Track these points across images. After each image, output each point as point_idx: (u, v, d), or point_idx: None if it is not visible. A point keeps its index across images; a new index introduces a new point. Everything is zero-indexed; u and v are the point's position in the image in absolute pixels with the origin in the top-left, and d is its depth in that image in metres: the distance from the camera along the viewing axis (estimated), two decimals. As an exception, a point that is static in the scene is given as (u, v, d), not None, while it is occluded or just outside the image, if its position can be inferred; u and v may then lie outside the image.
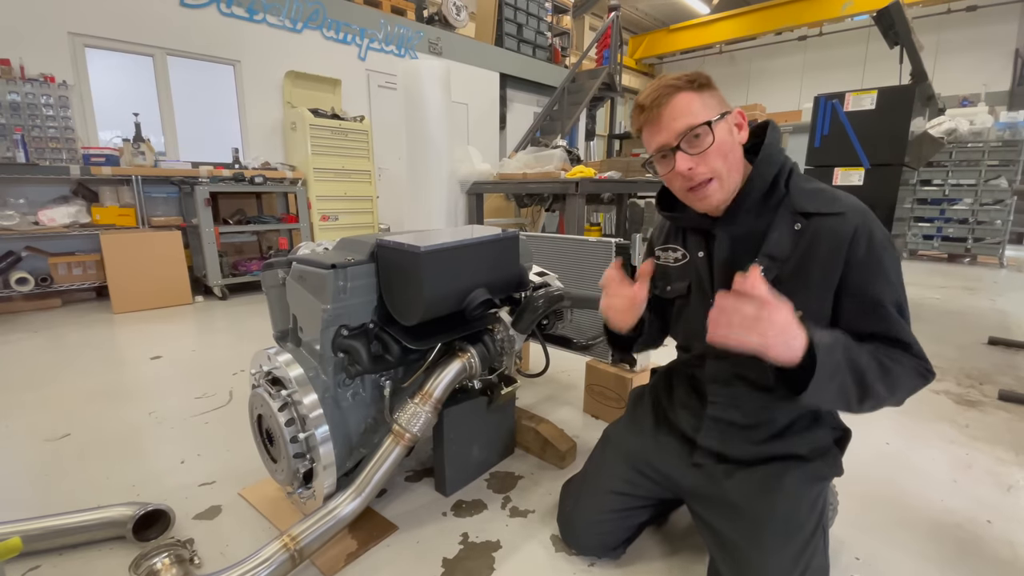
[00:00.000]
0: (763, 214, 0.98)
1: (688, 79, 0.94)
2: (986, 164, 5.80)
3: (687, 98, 0.93)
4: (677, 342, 1.21)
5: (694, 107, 0.93)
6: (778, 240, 0.95)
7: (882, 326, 0.90)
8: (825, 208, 0.93)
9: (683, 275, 1.12)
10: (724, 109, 0.95)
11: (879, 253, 0.90)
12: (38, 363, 2.55)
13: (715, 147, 0.93)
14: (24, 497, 1.45)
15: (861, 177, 2.81)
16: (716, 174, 0.94)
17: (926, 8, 8.94)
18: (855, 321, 0.91)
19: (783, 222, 0.96)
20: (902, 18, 3.01)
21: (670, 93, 0.93)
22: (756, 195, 0.97)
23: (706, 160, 0.93)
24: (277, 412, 1.15)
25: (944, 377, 2.37)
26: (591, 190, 3.64)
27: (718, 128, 0.93)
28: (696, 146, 0.93)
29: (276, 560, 1.01)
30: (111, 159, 3.71)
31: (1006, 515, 1.37)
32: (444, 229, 1.53)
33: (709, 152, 0.93)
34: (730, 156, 0.95)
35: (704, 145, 0.93)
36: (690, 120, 0.92)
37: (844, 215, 0.91)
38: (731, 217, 1.00)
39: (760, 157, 0.97)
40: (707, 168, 0.94)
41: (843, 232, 0.90)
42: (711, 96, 0.95)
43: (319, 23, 5.22)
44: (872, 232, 0.90)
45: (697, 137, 0.92)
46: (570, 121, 6.11)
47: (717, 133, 0.92)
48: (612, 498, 1.15)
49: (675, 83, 0.94)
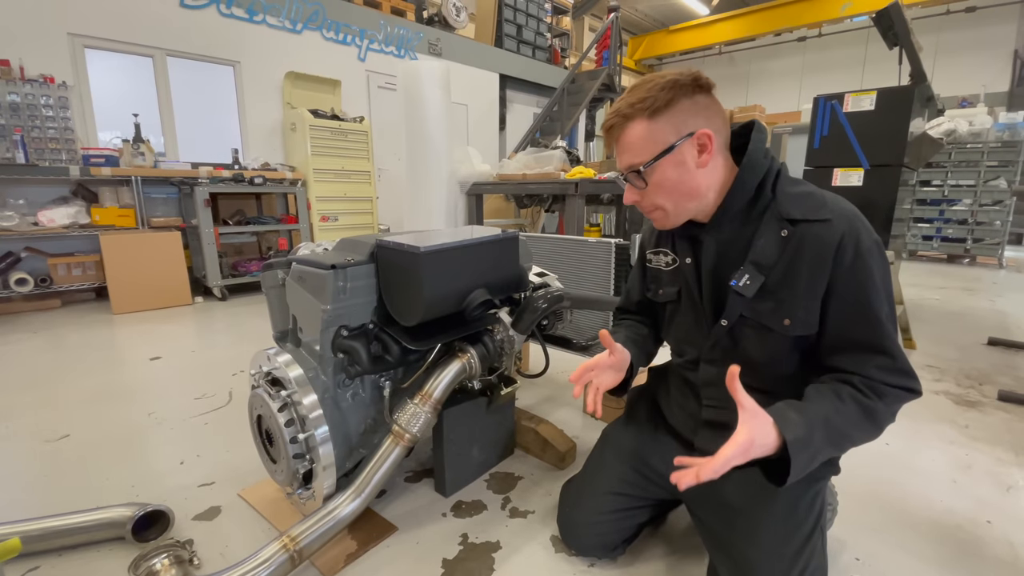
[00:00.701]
0: (749, 220, 0.97)
1: (644, 104, 0.90)
2: (985, 165, 5.81)
3: (636, 130, 0.92)
4: (670, 345, 1.22)
5: (638, 143, 0.92)
6: (764, 247, 0.94)
7: (867, 334, 0.88)
8: (811, 215, 0.91)
9: (674, 280, 1.12)
10: (682, 134, 0.90)
11: (866, 260, 0.88)
12: (38, 364, 2.55)
13: (653, 186, 0.94)
14: (23, 498, 1.45)
15: (860, 178, 2.80)
16: (658, 207, 0.97)
17: (925, 9, 8.96)
18: (841, 328, 0.90)
19: (769, 229, 0.94)
20: (901, 19, 3.01)
21: (621, 124, 0.93)
22: (740, 203, 0.96)
23: (647, 196, 0.97)
24: (277, 413, 1.15)
25: (944, 377, 2.37)
26: (591, 191, 3.64)
27: (660, 167, 0.92)
28: (639, 182, 0.95)
29: (276, 561, 1.01)
30: (111, 160, 3.71)
31: (1006, 515, 1.37)
32: (444, 230, 1.53)
33: (648, 190, 0.95)
34: (678, 189, 0.94)
35: (640, 185, 0.95)
36: (631, 159, 0.94)
37: (830, 222, 0.89)
38: (716, 224, 0.99)
39: (743, 164, 0.95)
40: (649, 203, 0.97)
41: (829, 239, 0.88)
42: (667, 120, 0.90)
43: (319, 24, 5.23)
44: (859, 239, 0.88)
45: (637, 175, 0.94)
46: (570, 122, 6.11)
47: (656, 174, 0.93)
48: (611, 498, 1.15)
49: (628, 111, 0.91)
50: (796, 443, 0.80)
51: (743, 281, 0.94)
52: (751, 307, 0.95)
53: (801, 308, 0.91)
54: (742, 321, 0.98)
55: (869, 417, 0.87)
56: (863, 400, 0.87)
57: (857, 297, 0.88)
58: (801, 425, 0.82)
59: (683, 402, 1.15)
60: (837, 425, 0.85)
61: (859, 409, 0.86)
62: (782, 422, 0.81)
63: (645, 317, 1.28)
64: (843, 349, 0.91)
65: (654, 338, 1.26)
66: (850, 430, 0.86)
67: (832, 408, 0.86)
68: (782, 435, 0.80)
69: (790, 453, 0.79)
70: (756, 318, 0.95)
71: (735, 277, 0.95)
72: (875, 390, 0.87)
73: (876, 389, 0.87)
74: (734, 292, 0.95)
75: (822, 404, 0.86)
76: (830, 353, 0.92)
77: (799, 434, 0.81)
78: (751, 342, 0.98)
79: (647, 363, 1.26)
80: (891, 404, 0.88)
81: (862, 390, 0.88)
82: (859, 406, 0.87)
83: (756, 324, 0.96)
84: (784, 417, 0.82)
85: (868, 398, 0.87)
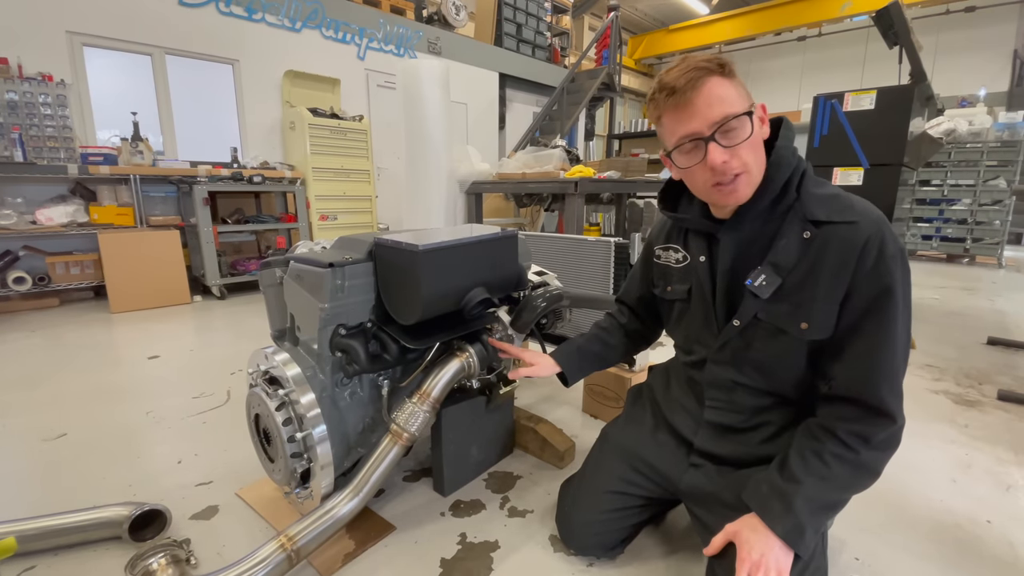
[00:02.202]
0: (771, 220, 0.94)
1: (719, 63, 0.86)
2: (985, 164, 5.81)
3: (721, 84, 0.86)
4: (676, 342, 1.21)
5: (730, 94, 0.86)
6: (785, 248, 0.91)
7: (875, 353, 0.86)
8: (837, 216, 0.88)
9: (685, 277, 1.10)
10: (750, 99, 0.89)
11: (888, 265, 0.84)
12: (35, 362, 2.54)
13: (751, 140, 0.87)
14: (20, 497, 1.44)
15: (860, 177, 2.80)
16: (747, 169, 0.88)
17: (925, 9, 8.95)
18: (850, 336, 0.88)
19: (792, 230, 0.91)
20: (901, 18, 3.01)
21: (703, 76, 0.85)
22: (766, 200, 0.93)
23: (739, 154, 0.87)
24: (274, 411, 1.15)
25: (943, 377, 2.37)
26: (590, 190, 3.64)
27: (753, 120, 0.87)
28: (732, 138, 0.86)
29: (273, 560, 1.01)
30: (109, 158, 3.70)
31: (1006, 515, 1.37)
32: (442, 228, 1.52)
33: (743, 145, 0.87)
34: (759, 149, 0.90)
35: (740, 137, 0.86)
36: (727, 109, 0.85)
37: (857, 224, 0.86)
38: (737, 221, 0.96)
39: (772, 160, 0.92)
40: (740, 162, 0.87)
41: (854, 241, 0.85)
42: (741, 85, 0.88)
43: (318, 22, 5.22)
44: (884, 243, 0.85)
45: (732, 129, 0.86)
46: (569, 121, 6.11)
47: (752, 125, 0.87)
48: (610, 498, 1.15)
49: (706, 66, 0.85)
50: (790, 535, 0.84)
51: (759, 281, 0.92)
52: (766, 309, 0.94)
53: (819, 312, 0.89)
54: (755, 322, 0.96)
55: (859, 470, 0.87)
56: (848, 456, 0.87)
57: (874, 305, 0.86)
58: (809, 532, 0.85)
59: (685, 401, 1.15)
60: (826, 498, 0.87)
61: (846, 468, 0.87)
62: (768, 518, 0.86)
63: (638, 316, 1.30)
64: (846, 359, 0.89)
65: (627, 347, 1.31)
66: (842, 493, 0.88)
67: (818, 482, 0.86)
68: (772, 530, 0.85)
69: (790, 545, 0.84)
70: (771, 320, 0.94)
71: (751, 277, 0.93)
72: (863, 436, 0.86)
73: (863, 434, 0.86)
74: (749, 292, 0.93)
75: (807, 483, 0.86)
76: (833, 359, 0.91)
77: (788, 527, 0.84)
78: (763, 344, 0.97)
79: (588, 373, 1.33)
80: (880, 448, 0.87)
81: (847, 444, 0.87)
82: (846, 465, 0.87)
83: (770, 326, 0.94)
84: (769, 511, 0.87)
85: (854, 451, 0.86)
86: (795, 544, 0.83)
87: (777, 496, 0.87)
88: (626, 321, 1.31)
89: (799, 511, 0.84)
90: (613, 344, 1.30)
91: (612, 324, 1.33)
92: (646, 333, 1.32)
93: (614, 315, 1.34)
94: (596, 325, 1.34)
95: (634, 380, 1.79)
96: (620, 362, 1.36)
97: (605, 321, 1.34)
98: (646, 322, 1.30)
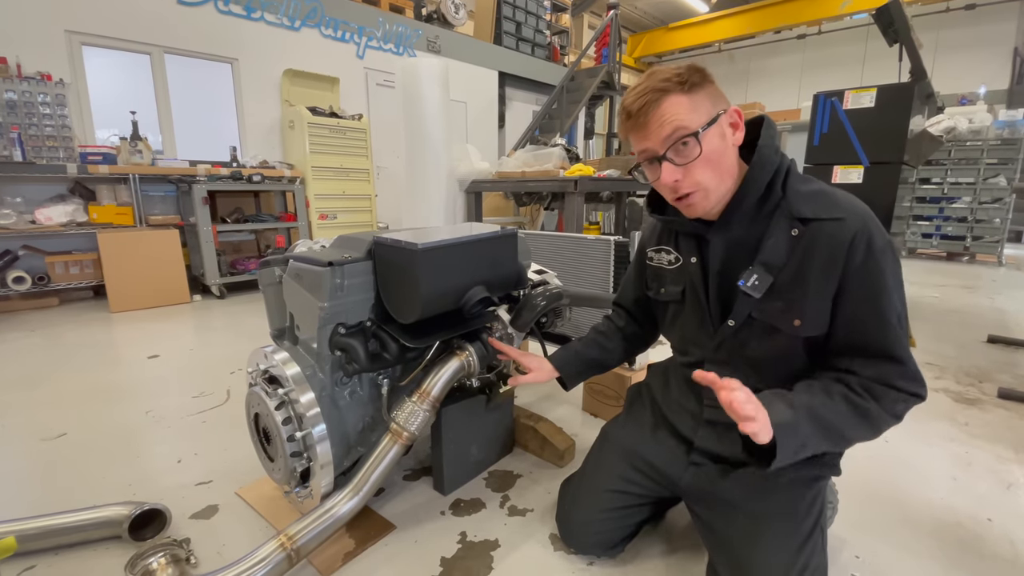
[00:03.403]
0: (759, 219, 0.95)
1: (679, 78, 0.87)
2: (985, 162, 5.80)
3: (675, 102, 0.87)
4: (672, 344, 1.21)
5: (682, 113, 0.87)
6: (774, 247, 0.92)
7: (875, 337, 0.87)
8: (824, 213, 0.89)
9: (678, 279, 1.10)
10: (717, 109, 0.89)
11: (878, 259, 0.86)
12: (35, 362, 2.54)
13: (702, 158, 0.88)
14: (20, 496, 1.44)
15: (860, 175, 2.80)
16: (699, 187, 0.91)
17: (925, 6, 8.94)
18: (849, 329, 0.89)
19: (779, 228, 0.92)
20: (901, 16, 3.00)
21: (657, 98, 0.87)
22: (750, 201, 0.94)
23: (691, 172, 0.89)
24: (274, 411, 1.14)
25: (943, 375, 2.37)
26: (590, 188, 3.63)
27: (707, 137, 0.88)
28: (683, 156, 0.89)
29: (273, 559, 1.01)
30: (108, 157, 3.70)
31: (1006, 513, 1.37)
32: (442, 227, 1.52)
33: (696, 164, 0.89)
34: (721, 163, 0.90)
35: (691, 156, 0.88)
36: (677, 127, 0.87)
37: (843, 220, 0.87)
38: (725, 223, 0.97)
39: (754, 161, 0.92)
40: (691, 182, 0.90)
41: (841, 237, 0.86)
42: (704, 96, 0.89)
43: (317, 21, 5.21)
44: (872, 238, 0.86)
45: (685, 146, 0.88)
46: (569, 119, 6.10)
47: (705, 144, 0.87)
48: (610, 496, 1.15)
49: (663, 85, 0.87)
50: (782, 427, 0.81)
51: (752, 281, 0.93)
52: (760, 308, 0.94)
53: (812, 309, 0.90)
54: (749, 322, 0.97)
55: (861, 416, 0.86)
56: (854, 399, 0.87)
57: (868, 297, 0.87)
58: (787, 412, 0.83)
59: (684, 401, 1.14)
60: (825, 417, 0.85)
61: (849, 407, 0.86)
62: (769, 408, 0.82)
63: (635, 319, 1.31)
64: (850, 351, 0.90)
65: (625, 350, 1.31)
66: (840, 425, 0.86)
67: (819, 402, 0.86)
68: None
69: (776, 436, 0.80)
70: (765, 319, 0.94)
71: (743, 277, 0.94)
72: (870, 391, 0.87)
73: (872, 390, 0.87)
74: (743, 293, 0.94)
75: (810, 397, 0.87)
76: (837, 354, 0.91)
77: (785, 419, 0.82)
78: (758, 342, 0.97)
79: (587, 378, 1.35)
80: (889, 406, 0.87)
81: (855, 390, 0.87)
82: (849, 404, 0.87)
83: (764, 325, 0.95)
84: (770, 403, 0.83)
85: (861, 398, 0.87)
86: (782, 434, 0.81)
87: (781, 398, 0.87)
88: (623, 324, 1.31)
89: (798, 412, 0.84)
90: (611, 348, 1.30)
91: (610, 328, 1.33)
92: (644, 335, 1.32)
93: (611, 319, 1.34)
94: (594, 329, 1.34)
95: (634, 379, 1.78)
96: (619, 365, 1.36)
97: (603, 325, 1.34)
98: (643, 325, 1.30)
